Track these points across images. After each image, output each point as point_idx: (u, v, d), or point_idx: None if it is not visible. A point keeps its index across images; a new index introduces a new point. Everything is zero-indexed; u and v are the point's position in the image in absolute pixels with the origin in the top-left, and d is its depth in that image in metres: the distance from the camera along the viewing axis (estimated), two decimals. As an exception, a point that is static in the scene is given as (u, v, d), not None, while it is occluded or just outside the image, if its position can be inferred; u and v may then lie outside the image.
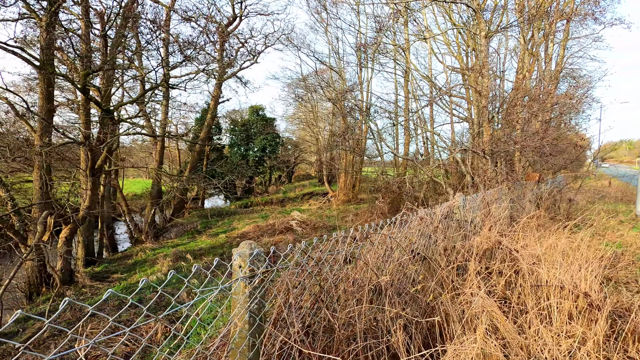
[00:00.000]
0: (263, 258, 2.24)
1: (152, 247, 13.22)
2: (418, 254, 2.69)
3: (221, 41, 17.23)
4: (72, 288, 9.35)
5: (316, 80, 22.78)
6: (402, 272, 2.50)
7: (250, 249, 2.16)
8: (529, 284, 2.58)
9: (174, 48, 11.00)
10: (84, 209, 8.66)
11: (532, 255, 3.01)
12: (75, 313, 7.36)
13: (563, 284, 2.50)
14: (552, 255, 3.34)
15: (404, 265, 2.50)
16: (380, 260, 2.51)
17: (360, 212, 15.90)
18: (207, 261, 10.40)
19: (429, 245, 2.98)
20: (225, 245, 12.49)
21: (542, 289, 2.54)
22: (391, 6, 14.19)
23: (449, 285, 2.60)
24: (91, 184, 8.73)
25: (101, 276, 10.48)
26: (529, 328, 2.34)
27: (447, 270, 2.69)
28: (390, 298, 2.10)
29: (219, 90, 19.55)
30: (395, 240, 2.59)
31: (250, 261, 2.14)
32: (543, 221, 5.44)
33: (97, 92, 11.82)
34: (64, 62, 12.67)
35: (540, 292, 2.55)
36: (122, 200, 16.10)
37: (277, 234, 13.04)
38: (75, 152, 15.15)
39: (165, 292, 7.92)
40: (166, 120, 16.71)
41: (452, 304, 2.32)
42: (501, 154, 7.28)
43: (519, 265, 2.83)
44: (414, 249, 2.67)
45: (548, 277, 2.63)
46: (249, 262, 2.13)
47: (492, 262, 3.08)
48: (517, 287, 2.70)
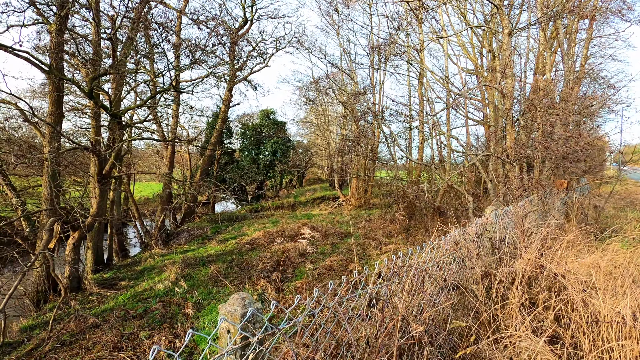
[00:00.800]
0: (260, 319, 1.74)
1: (162, 252, 13.05)
2: (451, 283, 2.30)
3: (232, 44, 17.12)
4: (79, 296, 9.20)
5: (328, 83, 22.50)
6: (433, 307, 2.11)
7: (242, 306, 1.66)
8: (584, 320, 2.16)
9: (184, 51, 10.86)
10: (91, 216, 8.49)
11: (581, 281, 2.58)
12: (79, 324, 7.15)
13: (625, 319, 2.08)
14: (599, 279, 2.89)
15: (436, 301, 2.11)
16: (410, 300, 2.09)
17: (373, 218, 15.45)
18: (215, 269, 10.14)
19: (461, 271, 2.58)
20: (235, 252, 12.22)
21: (599, 326, 2.12)
22: (404, 6, 13.80)
23: (488, 320, 2.19)
24: (99, 191, 8.57)
25: (109, 283, 10.32)
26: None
27: (486, 304, 2.29)
28: (428, 355, 1.72)
29: (230, 94, 19.44)
30: (427, 270, 2.19)
31: (242, 325, 1.62)
32: (577, 233, 4.95)
33: (107, 96, 11.77)
34: (75, 67, 12.70)
35: (598, 329, 2.13)
36: (133, 205, 16.05)
37: (287, 241, 12.70)
38: (88, 158, 15.21)
39: (172, 302, 7.43)
40: (177, 124, 16.63)
41: (494, 347, 1.93)
42: (524, 160, 6.78)
43: (568, 293, 2.41)
44: (446, 277, 2.28)
45: (604, 309, 2.21)
46: (239, 327, 1.62)
47: (532, 289, 2.65)
48: (566, 319, 2.28)
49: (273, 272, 9.18)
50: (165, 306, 7.78)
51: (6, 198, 10.77)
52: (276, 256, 10.89)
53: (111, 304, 8.27)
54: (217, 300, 7.81)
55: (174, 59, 13.40)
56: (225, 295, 8.16)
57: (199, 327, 6.63)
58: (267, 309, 7.08)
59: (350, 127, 30.70)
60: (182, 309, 7.63)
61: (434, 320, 2.04)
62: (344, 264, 9.07)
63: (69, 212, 8.58)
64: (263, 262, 10.32)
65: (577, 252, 3.51)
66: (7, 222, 7.66)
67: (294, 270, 9.48)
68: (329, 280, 8.30)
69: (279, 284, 8.41)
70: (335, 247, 11.33)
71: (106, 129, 11.93)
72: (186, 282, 9.40)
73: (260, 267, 9.92)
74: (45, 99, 15.17)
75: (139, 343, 5.95)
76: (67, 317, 7.63)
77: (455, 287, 2.37)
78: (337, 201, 24.61)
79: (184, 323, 6.92)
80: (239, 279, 9.29)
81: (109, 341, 6.04)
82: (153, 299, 8.35)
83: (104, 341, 6.05)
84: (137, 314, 7.47)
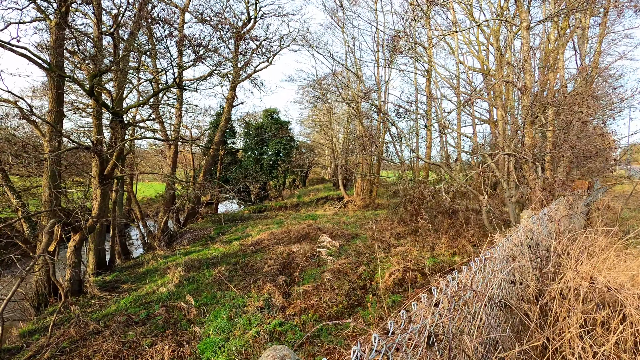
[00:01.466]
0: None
1: (164, 254, 12.80)
2: (500, 302, 2.00)
3: (236, 42, 16.85)
4: (80, 299, 8.95)
5: (333, 82, 22.20)
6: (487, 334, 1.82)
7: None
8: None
9: (187, 48, 10.60)
10: (92, 218, 8.24)
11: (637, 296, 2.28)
12: (79, 330, 6.89)
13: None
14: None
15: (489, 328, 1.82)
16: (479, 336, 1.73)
17: (380, 219, 15.13)
18: (219, 272, 9.87)
19: (509, 288, 2.27)
20: (239, 254, 11.95)
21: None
22: (412, 1, 13.49)
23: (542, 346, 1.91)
24: (100, 192, 8.32)
25: (111, 286, 10.07)
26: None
27: (541, 325, 2.00)
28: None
29: (234, 93, 19.19)
30: (481, 291, 1.87)
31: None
32: (604, 238, 4.63)
33: (109, 95, 11.53)
34: (75, 65, 12.47)
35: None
36: (135, 206, 15.82)
37: (292, 243, 12.41)
38: (90, 158, 14.99)
39: (175, 306, 7.01)
40: (180, 123, 16.38)
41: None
42: (544, 160, 6.46)
43: (626, 311, 2.12)
44: (494, 295, 1.97)
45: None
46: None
47: (584, 306, 2.34)
48: (630, 344, 1.99)
49: (279, 276, 8.89)
50: (168, 311, 7.51)
51: (6, 198, 10.55)
52: (282, 258, 10.61)
53: (113, 308, 8.02)
54: (221, 305, 7.53)
55: (177, 55, 13.17)
56: (230, 299, 7.88)
57: (203, 335, 6.36)
58: (274, 315, 6.80)
59: (354, 127, 30.38)
60: (185, 314, 7.37)
61: (484, 346, 1.74)
62: (353, 267, 8.77)
63: (69, 214, 8.33)
64: (268, 264, 10.04)
65: (619, 260, 3.20)
66: (6, 224, 7.42)
67: (300, 274, 9.19)
68: (338, 284, 8.01)
69: (286, 288, 8.13)
70: (342, 249, 11.03)
71: (108, 129, 11.70)
72: (190, 286, 9.13)
73: (266, 269, 9.63)
74: (47, 98, 14.98)
75: (141, 352, 5.68)
76: (68, 322, 7.37)
77: (503, 306, 2.06)
78: (342, 201, 24.29)
79: (188, 329, 6.65)
80: (243, 282, 9.01)
81: (109, 349, 5.77)
82: (156, 303, 8.09)
83: (104, 349, 5.78)
84: (140, 319, 7.21)
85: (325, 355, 5.08)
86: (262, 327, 6.13)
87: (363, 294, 7.16)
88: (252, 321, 6.56)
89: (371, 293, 7.22)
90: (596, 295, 2.39)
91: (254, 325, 6.36)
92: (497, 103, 14.77)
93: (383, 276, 7.55)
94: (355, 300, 6.92)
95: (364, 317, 6.28)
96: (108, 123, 10.99)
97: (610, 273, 2.97)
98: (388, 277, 7.33)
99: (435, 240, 10.05)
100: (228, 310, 7.14)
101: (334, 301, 6.91)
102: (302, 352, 5.27)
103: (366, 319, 6.18)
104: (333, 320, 6.21)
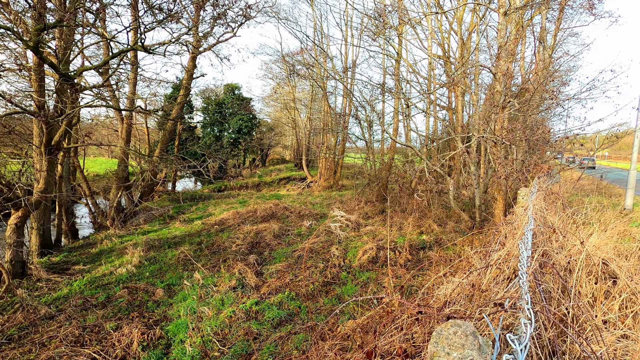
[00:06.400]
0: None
1: (119, 234, 11.94)
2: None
3: (197, 8, 15.59)
4: (24, 282, 8.08)
5: (299, 59, 21.59)
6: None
7: (478, 350, 0.98)
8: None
9: (145, 10, 9.57)
10: (37, 192, 7.36)
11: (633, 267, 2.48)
12: (28, 315, 6.23)
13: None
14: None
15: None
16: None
17: (346, 200, 15.32)
18: (184, 251, 9.42)
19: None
20: (203, 233, 11.49)
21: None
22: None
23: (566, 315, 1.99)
24: (47, 163, 7.41)
25: (60, 267, 9.22)
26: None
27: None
28: None
29: (194, 64, 17.95)
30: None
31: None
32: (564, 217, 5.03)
33: (54, 56, 10.19)
34: (12, 21, 10.79)
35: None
36: (83, 182, 14.47)
37: (259, 222, 12.18)
38: (27, 125, 13.25)
39: (138, 288, 6.57)
40: (134, 94, 15.03)
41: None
42: (517, 143, 6.83)
43: (621, 282, 2.30)
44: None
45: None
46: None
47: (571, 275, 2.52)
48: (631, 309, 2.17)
49: (249, 255, 8.68)
50: (131, 292, 7.04)
51: None
52: (250, 237, 10.37)
53: (65, 291, 7.35)
54: (190, 285, 7.20)
55: (132, 20, 11.87)
56: (198, 280, 7.56)
57: (173, 316, 6.05)
58: (248, 294, 6.65)
59: (319, 106, 30.07)
60: (151, 295, 6.96)
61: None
62: (325, 246, 8.80)
63: (9, 188, 7.37)
64: (236, 244, 9.77)
65: (589, 235, 3.50)
66: None
67: (271, 253, 9.05)
68: (312, 262, 8.00)
69: (258, 267, 7.97)
70: (312, 228, 11.02)
71: (51, 95, 10.38)
72: (152, 266, 8.63)
73: (234, 249, 9.36)
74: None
75: (105, 336, 5.27)
76: (11, 307, 6.64)
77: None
78: (305, 182, 24.22)
79: (156, 311, 6.29)
80: (211, 262, 8.70)
81: (68, 334, 5.29)
82: (115, 285, 7.55)
83: (62, 335, 5.28)
84: (99, 302, 6.68)
85: (305, 332, 5.06)
86: (238, 307, 5.96)
87: (338, 272, 7.23)
88: (225, 301, 6.36)
89: (345, 271, 7.31)
90: (593, 268, 2.60)
91: (228, 305, 6.17)
92: (457, 91, 15.36)
93: (357, 255, 7.66)
94: (330, 279, 6.96)
95: (341, 294, 6.34)
96: (53, 87, 9.79)
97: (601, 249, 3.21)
98: (362, 255, 7.45)
99: (402, 220, 10.38)
100: (197, 290, 6.85)
101: (309, 279, 6.90)
102: (283, 330, 5.22)
103: (342, 297, 6.25)
104: (310, 299, 6.20)
